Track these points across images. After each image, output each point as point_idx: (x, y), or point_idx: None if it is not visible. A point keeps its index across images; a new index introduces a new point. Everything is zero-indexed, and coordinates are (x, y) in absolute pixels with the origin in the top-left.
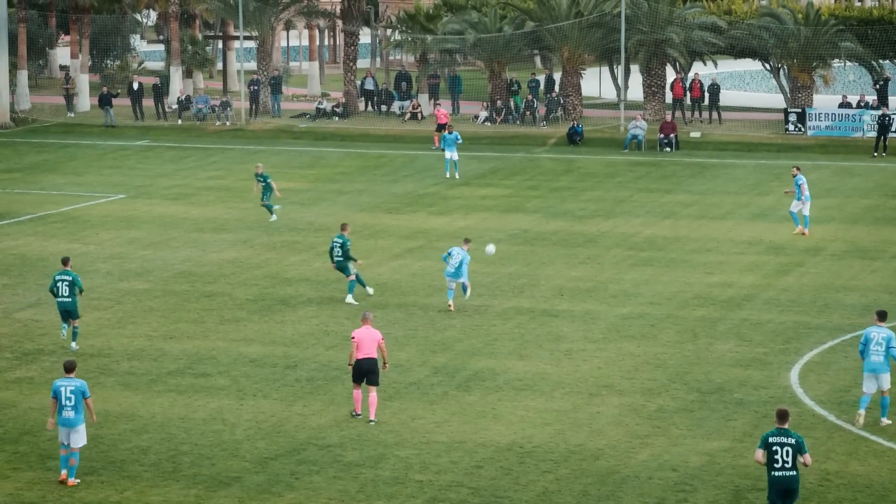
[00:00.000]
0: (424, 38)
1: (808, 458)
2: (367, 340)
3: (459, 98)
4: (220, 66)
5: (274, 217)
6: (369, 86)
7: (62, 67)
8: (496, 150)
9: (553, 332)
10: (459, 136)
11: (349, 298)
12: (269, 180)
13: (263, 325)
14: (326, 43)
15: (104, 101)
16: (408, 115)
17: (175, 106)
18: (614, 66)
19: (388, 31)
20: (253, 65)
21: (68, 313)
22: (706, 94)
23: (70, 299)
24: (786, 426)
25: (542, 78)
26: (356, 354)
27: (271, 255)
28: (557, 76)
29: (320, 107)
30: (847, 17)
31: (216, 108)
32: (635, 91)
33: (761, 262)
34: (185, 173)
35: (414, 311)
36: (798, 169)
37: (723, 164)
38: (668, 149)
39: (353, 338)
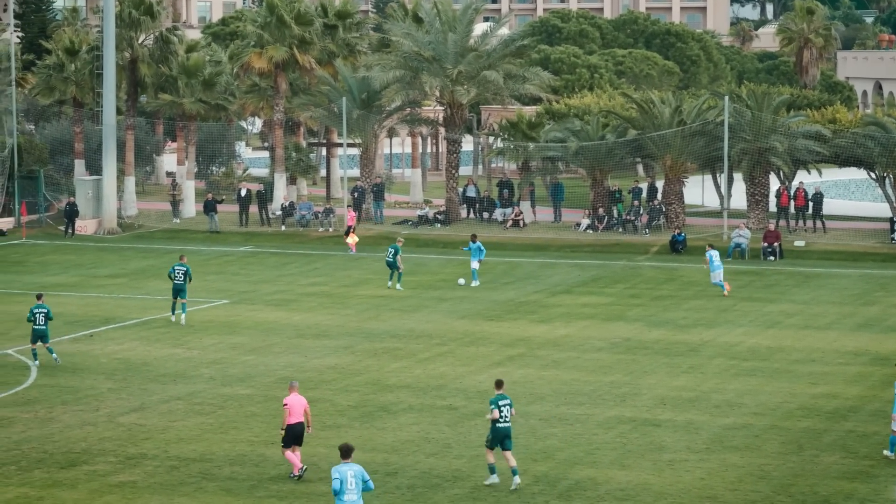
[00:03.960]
0: (526, 145)
1: (513, 411)
2: (297, 407)
3: (561, 206)
4: (323, 172)
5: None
6: (471, 193)
7: (168, 174)
8: (598, 258)
9: (655, 441)
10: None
11: (183, 319)
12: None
13: (364, 431)
14: (429, 150)
15: (209, 208)
16: (509, 223)
17: (278, 212)
18: (717, 175)
19: (491, 139)
20: (356, 172)
21: (42, 338)
22: (810, 203)
23: (44, 327)
24: (503, 391)
25: (644, 186)
26: (288, 420)
27: (372, 361)
28: (660, 184)
29: (422, 213)
30: None
31: (319, 215)
32: (738, 199)
33: (867, 372)
34: (287, 279)
35: (515, 420)
36: (711, 246)
37: (827, 274)
38: (771, 258)
39: (286, 404)
